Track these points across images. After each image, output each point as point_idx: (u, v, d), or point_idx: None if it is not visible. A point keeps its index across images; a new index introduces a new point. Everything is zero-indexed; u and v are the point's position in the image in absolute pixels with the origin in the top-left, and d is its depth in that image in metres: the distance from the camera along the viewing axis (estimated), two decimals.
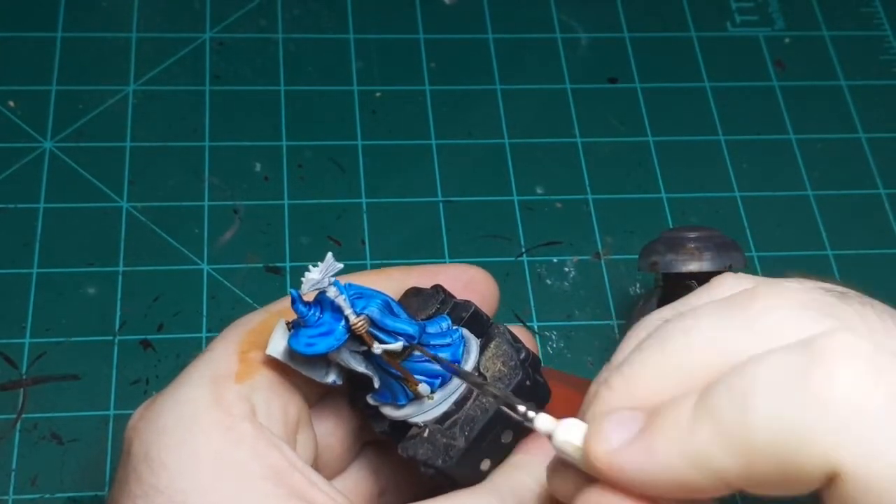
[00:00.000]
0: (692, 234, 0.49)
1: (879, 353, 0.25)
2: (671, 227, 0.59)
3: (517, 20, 0.67)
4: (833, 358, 0.25)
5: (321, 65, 0.64)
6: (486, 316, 0.39)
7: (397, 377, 0.36)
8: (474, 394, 0.36)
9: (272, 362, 0.36)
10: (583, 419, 0.29)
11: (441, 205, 0.59)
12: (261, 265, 0.56)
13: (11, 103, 0.60)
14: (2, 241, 0.56)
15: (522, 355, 0.37)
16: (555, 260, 0.58)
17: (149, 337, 0.53)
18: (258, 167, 0.60)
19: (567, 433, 0.28)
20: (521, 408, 0.29)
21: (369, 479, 0.41)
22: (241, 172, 0.59)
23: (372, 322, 0.34)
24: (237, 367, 0.36)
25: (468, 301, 0.38)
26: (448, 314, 0.38)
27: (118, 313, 0.54)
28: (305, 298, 0.34)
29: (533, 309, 0.56)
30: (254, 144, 0.60)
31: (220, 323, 0.50)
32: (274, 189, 0.59)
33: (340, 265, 0.33)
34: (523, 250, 0.58)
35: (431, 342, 0.36)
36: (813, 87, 0.66)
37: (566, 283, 0.57)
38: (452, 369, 0.35)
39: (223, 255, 0.56)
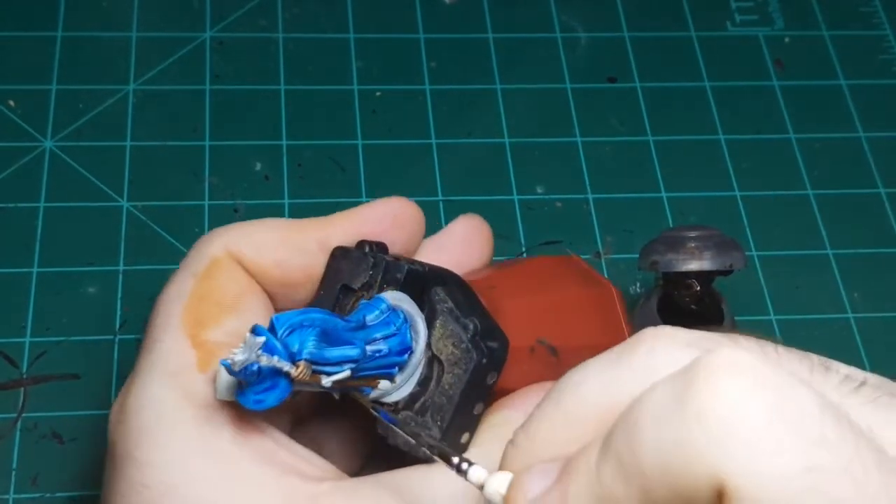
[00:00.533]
0: (692, 234, 0.49)
1: (760, 363, 0.25)
2: (671, 226, 0.59)
3: (517, 20, 0.67)
4: (711, 372, 0.25)
5: (321, 64, 0.64)
6: (420, 267, 0.37)
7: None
8: (434, 377, 0.36)
9: (229, 338, 0.36)
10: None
11: (441, 204, 0.59)
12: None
13: (11, 102, 0.60)
14: (2, 240, 0.56)
15: (470, 330, 0.36)
16: None
17: None
18: (258, 166, 0.60)
19: (497, 485, 0.29)
20: (455, 460, 0.30)
21: (351, 451, 0.41)
22: (242, 172, 0.59)
23: (312, 362, 0.33)
24: (194, 355, 0.35)
25: (398, 259, 0.37)
26: (381, 282, 0.37)
27: (118, 312, 0.54)
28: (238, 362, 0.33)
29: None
30: (254, 144, 0.60)
31: None
32: (274, 188, 0.59)
33: (262, 339, 0.32)
34: (523, 250, 0.58)
35: (375, 335, 0.35)
36: (813, 86, 0.66)
37: None
38: (393, 423, 0.35)
39: None
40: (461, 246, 0.42)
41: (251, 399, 0.33)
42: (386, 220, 0.40)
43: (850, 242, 0.60)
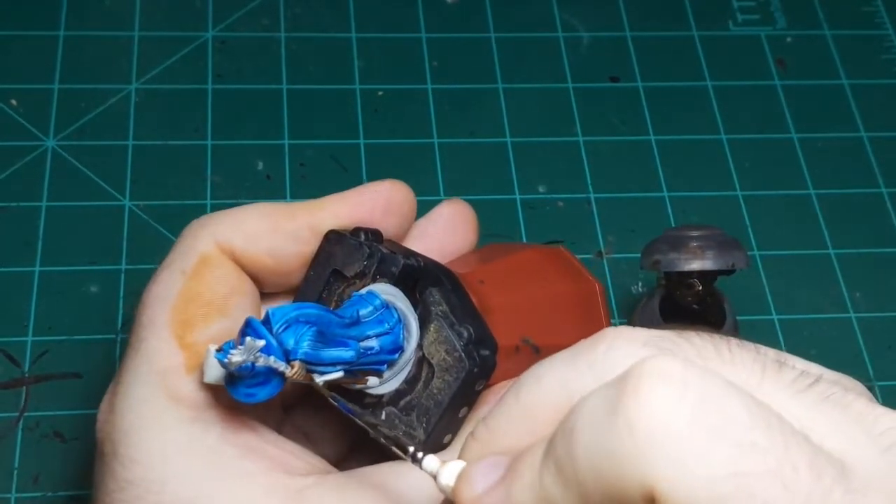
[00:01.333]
0: (694, 233, 0.49)
1: (688, 369, 0.25)
2: (673, 225, 0.59)
3: (519, 19, 0.67)
4: (640, 381, 0.25)
5: (323, 63, 0.64)
6: (416, 262, 0.37)
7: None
8: (424, 372, 0.36)
9: (217, 340, 0.35)
10: None
11: None
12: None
13: (13, 102, 0.61)
14: (4, 239, 0.56)
15: (464, 338, 0.36)
16: None
17: None
18: (260, 166, 0.60)
19: (449, 476, 0.29)
20: (411, 449, 0.30)
21: (337, 438, 0.41)
22: (243, 171, 0.59)
23: (307, 362, 0.33)
24: (182, 356, 0.35)
25: (394, 252, 0.37)
26: (375, 272, 0.37)
27: (120, 312, 0.54)
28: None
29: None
30: (256, 143, 0.60)
31: None
32: (276, 188, 0.59)
33: (262, 342, 0.32)
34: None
35: (368, 333, 0.35)
36: (814, 86, 0.66)
37: None
38: (351, 413, 0.35)
39: None
40: (444, 232, 0.42)
41: (242, 392, 0.33)
42: (378, 204, 0.40)
43: (851, 242, 0.60)
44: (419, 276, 0.37)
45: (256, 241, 0.38)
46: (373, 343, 0.36)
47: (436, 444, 0.36)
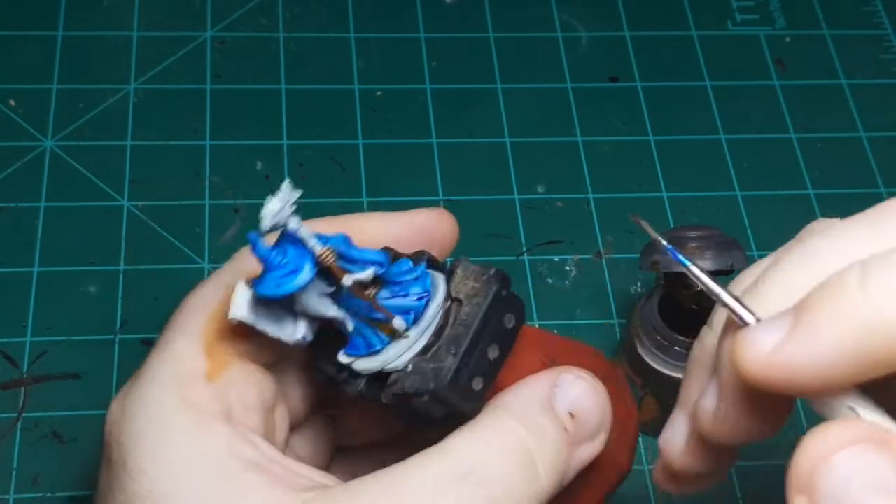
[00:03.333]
0: (693, 234, 0.49)
1: None
2: (672, 226, 0.59)
3: (518, 19, 0.67)
4: None
5: (322, 64, 0.64)
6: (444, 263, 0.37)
7: (370, 318, 0.34)
8: (452, 318, 0.35)
9: (245, 354, 0.36)
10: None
11: (442, 204, 0.59)
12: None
13: (12, 102, 0.60)
14: (2, 239, 0.56)
15: (492, 270, 0.35)
16: (556, 259, 0.58)
17: (150, 336, 0.53)
18: (259, 166, 0.60)
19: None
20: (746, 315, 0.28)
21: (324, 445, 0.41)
22: (242, 171, 0.59)
23: (338, 254, 0.32)
24: (205, 363, 0.35)
25: (421, 250, 0.36)
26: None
27: (119, 312, 0.54)
28: (265, 242, 0.32)
29: (534, 308, 0.56)
30: (255, 143, 0.60)
31: None
32: (275, 188, 0.58)
33: (299, 191, 0.32)
34: (524, 249, 0.58)
35: (397, 279, 0.35)
36: (814, 85, 0.66)
37: (567, 283, 0.57)
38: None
39: (224, 254, 0.56)
40: (419, 239, 0.41)
41: (271, 284, 0.32)
42: (412, 241, 0.39)
43: None
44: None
45: None
46: (401, 288, 0.35)
47: (465, 388, 0.34)
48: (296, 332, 0.34)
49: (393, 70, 0.64)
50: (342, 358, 0.35)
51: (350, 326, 0.34)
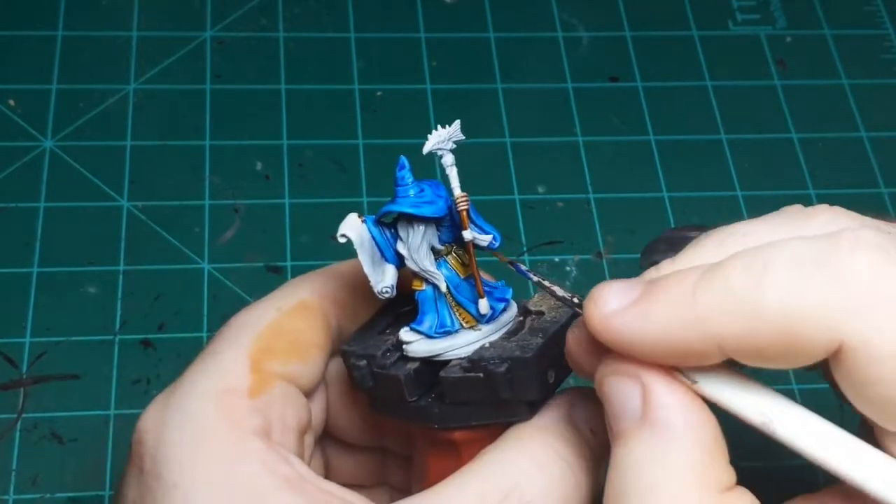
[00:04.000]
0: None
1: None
2: (673, 226, 0.59)
3: (518, 19, 0.67)
4: (855, 245, 0.28)
5: (322, 64, 0.64)
6: None
7: (456, 297, 0.35)
8: (529, 324, 0.36)
9: (288, 376, 0.36)
10: None
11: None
12: (261, 264, 0.56)
13: (12, 102, 0.60)
14: (2, 240, 0.56)
15: (570, 298, 0.36)
16: (556, 259, 0.58)
17: (149, 336, 0.53)
18: (259, 166, 0.60)
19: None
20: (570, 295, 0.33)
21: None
22: (242, 171, 0.59)
23: (469, 217, 0.34)
24: (250, 379, 0.35)
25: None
26: None
27: (119, 312, 0.54)
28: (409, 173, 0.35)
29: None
30: (254, 143, 0.60)
31: (220, 322, 0.50)
32: (275, 188, 0.59)
33: (463, 136, 0.34)
34: (524, 249, 0.58)
35: (483, 280, 0.36)
36: (814, 85, 0.66)
37: (567, 283, 0.57)
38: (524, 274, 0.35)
39: (224, 255, 0.56)
40: None
41: (408, 203, 0.34)
42: None
43: None
44: None
45: (354, 291, 0.39)
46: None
47: (543, 372, 0.35)
48: (385, 279, 0.35)
49: (393, 70, 0.64)
50: (405, 334, 0.36)
51: (443, 286, 0.35)
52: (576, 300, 0.34)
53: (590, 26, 0.67)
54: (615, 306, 0.30)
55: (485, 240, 0.35)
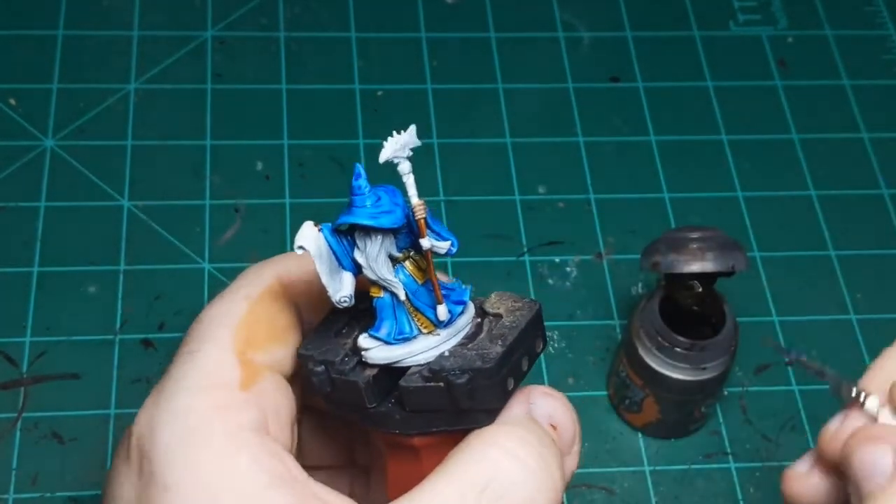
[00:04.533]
0: (694, 234, 0.49)
1: None
2: (673, 226, 0.59)
3: (519, 19, 0.67)
4: None
5: (322, 63, 0.64)
6: None
7: (413, 303, 0.35)
8: (488, 327, 0.35)
9: (275, 365, 0.36)
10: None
11: (443, 204, 0.59)
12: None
13: (12, 101, 0.60)
14: (2, 239, 0.56)
15: (528, 298, 0.36)
16: (556, 259, 0.58)
17: (150, 336, 0.53)
18: (259, 166, 0.60)
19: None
20: (854, 390, 0.35)
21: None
22: (243, 171, 0.59)
23: (427, 223, 0.34)
24: (239, 371, 0.35)
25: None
26: None
27: (119, 312, 0.54)
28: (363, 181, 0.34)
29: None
30: (255, 143, 0.60)
31: None
32: (275, 188, 0.59)
33: (419, 142, 0.33)
34: (525, 250, 0.58)
35: (440, 281, 0.35)
36: (816, 86, 0.66)
37: (568, 283, 0.57)
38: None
39: (224, 254, 0.56)
40: None
41: (366, 214, 0.33)
42: None
43: (852, 243, 0.60)
44: None
45: (313, 278, 0.38)
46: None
47: (502, 381, 0.35)
48: (343, 288, 0.34)
49: (393, 70, 0.64)
50: (364, 341, 0.35)
51: (402, 294, 0.34)
52: (854, 393, 0.36)
53: (591, 27, 0.67)
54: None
55: (443, 247, 0.34)
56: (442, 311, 0.35)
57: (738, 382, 0.55)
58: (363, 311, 0.36)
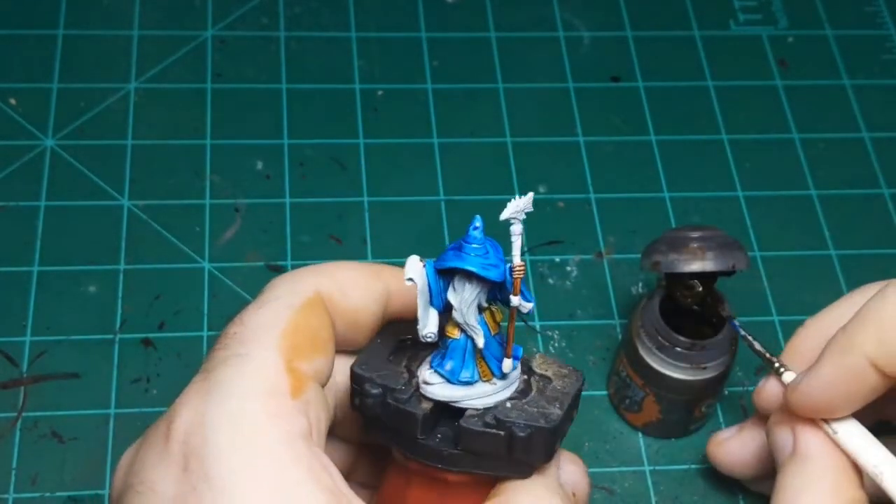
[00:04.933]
0: (695, 234, 0.49)
1: None
2: (673, 226, 0.59)
3: (519, 18, 0.67)
4: None
5: (323, 63, 0.64)
6: None
7: (482, 351, 0.37)
8: (537, 387, 0.38)
9: (316, 375, 0.36)
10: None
11: (443, 203, 0.59)
12: (262, 263, 0.56)
13: (13, 101, 0.60)
14: (3, 239, 0.56)
15: (569, 368, 0.39)
16: (557, 259, 0.58)
17: (150, 335, 0.53)
18: (259, 165, 0.60)
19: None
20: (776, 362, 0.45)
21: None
22: (243, 170, 0.59)
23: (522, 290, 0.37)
24: (288, 379, 0.35)
25: None
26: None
27: (119, 311, 0.54)
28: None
29: (535, 308, 0.56)
30: (255, 143, 0.60)
31: (221, 321, 0.50)
32: (275, 187, 0.59)
33: (532, 209, 0.36)
34: (525, 249, 0.58)
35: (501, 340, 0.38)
36: (816, 86, 0.66)
37: (568, 283, 0.57)
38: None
39: (224, 254, 0.56)
40: None
41: (477, 263, 0.36)
42: None
43: (853, 243, 0.59)
44: None
45: (348, 293, 0.40)
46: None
47: (556, 442, 0.38)
48: (430, 324, 0.37)
49: (394, 69, 0.64)
50: (429, 375, 0.37)
51: (481, 342, 0.37)
52: (776, 364, 0.45)
53: (591, 26, 0.67)
54: (795, 378, 0.42)
55: (527, 307, 0.37)
56: (507, 365, 0.37)
57: (738, 382, 0.55)
58: (409, 344, 0.39)
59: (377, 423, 0.38)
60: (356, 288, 0.40)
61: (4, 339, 0.53)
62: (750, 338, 0.47)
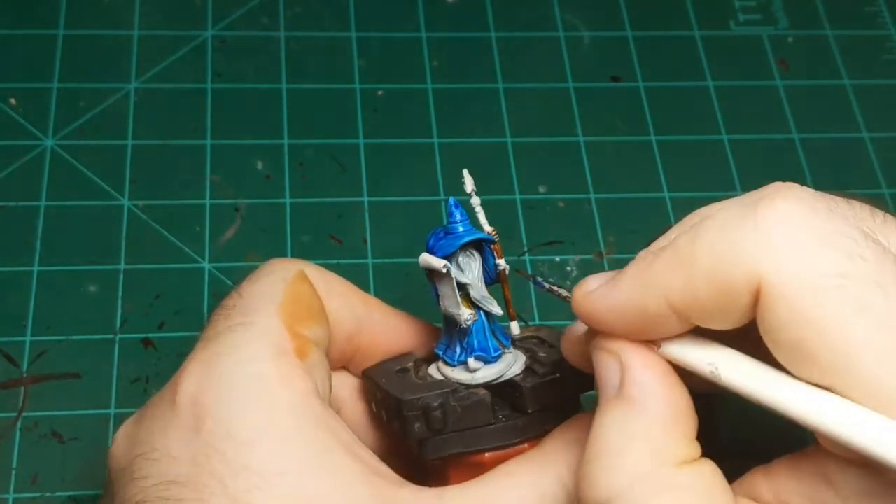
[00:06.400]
0: None
1: (819, 198, 0.31)
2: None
3: (520, 18, 0.67)
4: (776, 193, 0.31)
5: (323, 63, 0.64)
6: None
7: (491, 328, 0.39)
8: (531, 345, 0.40)
9: (316, 340, 0.37)
10: None
11: (443, 203, 0.59)
12: (262, 263, 0.56)
13: (12, 101, 0.60)
14: (2, 239, 0.56)
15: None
16: (557, 259, 0.58)
17: (150, 335, 0.53)
18: (260, 165, 0.60)
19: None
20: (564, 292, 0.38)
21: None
22: (243, 171, 0.59)
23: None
24: (292, 342, 0.36)
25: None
26: None
27: (119, 311, 0.54)
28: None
29: (535, 308, 0.56)
30: (255, 143, 0.60)
31: None
32: (275, 187, 0.59)
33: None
34: (525, 249, 0.58)
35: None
36: (816, 86, 0.66)
37: (568, 283, 0.57)
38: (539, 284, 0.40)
39: (224, 254, 0.56)
40: None
41: (477, 232, 0.38)
42: None
43: None
44: None
45: (331, 296, 0.40)
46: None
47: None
48: (463, 310, 0.38)
49: (394, 69, 0.64)
50: (474, 363, 0.38)
51: (499, 310, 0.39)
52: (563, 293, 0.38)
53: (591, 26, 0.67)
54: (594, 286, 0.33)
55: (505, 267, 0.40)
56: (514, 327, 0.40)
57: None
58: (402, 370, 0.40)
59: (439, 436, 0.38)
60: (340, 296, 0.40)
61: (4, 339, 0.53)
62: (556, 288, 0.39)
